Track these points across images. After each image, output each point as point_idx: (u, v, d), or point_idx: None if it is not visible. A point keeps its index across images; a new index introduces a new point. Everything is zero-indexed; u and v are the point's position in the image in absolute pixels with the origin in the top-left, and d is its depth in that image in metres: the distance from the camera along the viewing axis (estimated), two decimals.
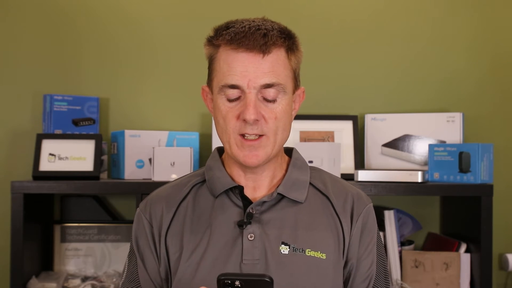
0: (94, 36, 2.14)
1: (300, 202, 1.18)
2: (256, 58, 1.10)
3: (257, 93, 1.11)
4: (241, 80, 1.10)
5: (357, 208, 1.21)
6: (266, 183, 1.20)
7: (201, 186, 1.22)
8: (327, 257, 1.15)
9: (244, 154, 1.13)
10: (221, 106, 1.14)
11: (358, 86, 2.17)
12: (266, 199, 1.17)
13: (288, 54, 1.14)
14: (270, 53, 1.11)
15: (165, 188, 1.26)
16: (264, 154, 1.14)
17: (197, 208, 1.19)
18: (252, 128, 1.11)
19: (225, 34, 1.12)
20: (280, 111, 1.13)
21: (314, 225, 1.17)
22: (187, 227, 1.17)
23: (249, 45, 1.10)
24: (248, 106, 1.10)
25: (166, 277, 1.19)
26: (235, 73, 1.11)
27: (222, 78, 1.12)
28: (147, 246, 1.20)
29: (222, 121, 1.14)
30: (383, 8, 2.18)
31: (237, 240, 1.14)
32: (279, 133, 1.14)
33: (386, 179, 1.83)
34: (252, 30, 1.10)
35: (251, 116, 1.10)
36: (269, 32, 1.11)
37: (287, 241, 1.14)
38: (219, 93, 1.14)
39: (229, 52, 1.12)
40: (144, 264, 1.20)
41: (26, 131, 2.09)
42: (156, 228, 1.19)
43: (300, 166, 1.23)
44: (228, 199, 1.19)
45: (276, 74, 1.12)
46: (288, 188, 1.19)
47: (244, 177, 1.19)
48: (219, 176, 1.19)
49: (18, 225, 1.77)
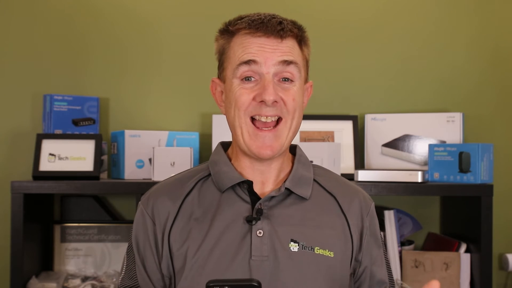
0: (94, 36, 2.14)
1: (306, 198, 1.18)
2: (274, 42, 1.12)
3: (274, 75, 1.12)
4: (259, 57, 1.10)
5: (364, 208, 1.22)
6: (274, 176, 1.19)
7: (206, 181, 1.20)
8: (335, 255, 1.15)
9: (258, 145, 1.12)
10: (235, 89, 1.12)
11: (358, 86, 2.17)
12: (274, 194, 1.16)
13: (301, 45, 1.17)
14: (286, 39, 1.13)
15: (168, 183, 1.23)
16: (279, 145, 1.13)
17: (203, 203, 1.17)
18: (269, 110, 1.11)
19: (241, 22, 1.13)
20: (297, 93, 1.14)
21: (321, 222, 1.17)
22: (192, 222, 1.15)
23: (267, 30, 1.11)
24: (267, 87, 1.10)
25: (168, 274, 1.17)
26: (252, 51, 1.11)
27: (238, 59, 1.12)
28: (147, 244, 1.18)
29: (235, 104, 1.12)
30: (383, 8, 2.18)
31: (246, 236, 1.13)
32: (295, 118, 1.14)
33: (386, 179, 1.83)
34: (268, 18, 1.13)
35: (270, 97, 1.09)
36: (284, 21, 1.13)
37: (297, 239, 1.14)
38: (233, 77, 1.13)
39: (245, 37, 1.12)
40: (143, 262, 1.18)
41: (26, 131, 2.09)
42: (158, 225, 1.17)
43: (304, 163, 1.23)
44: (235, 194, 1.17)
45: (293, 55, 1.13)
46: (295, 183, 1.18)
47: (252, 169, 1.18)
48: (226, 170, 1.18)
49: (18, 225, 1.77)
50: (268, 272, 1.11)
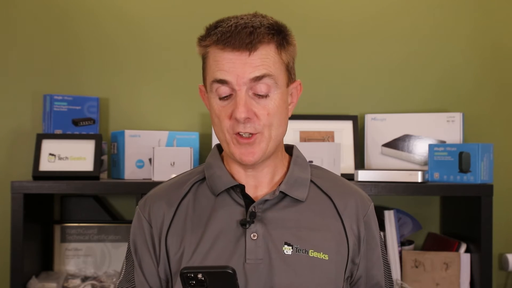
0: (94, 36, 2.14)
1: (301, 201, 1.18)
2: (243, 56, 1.09)
3: (248, 90, 1.10)
4: (230, 75, 1.09)
5: (361, 210, 1.21)
6: (267, 180, 1.19)
7: (201, 184, 1.21)
8: (330, 258, 1.15)
9: (241, 152, 1.12)
10: (214, 106, 1.13)
11: (358, 86, 2.17)
12: (268, 197, 1.16)
13: (278, 49, 1.12)
14: (257, 50, 1.09)
15: (164, 187, 1.24)
16: (260, 150, 1.12)
17: (198, 207, 1.18)
18: (244, 127, 1.10)
19: (212, 35, 1.12)
20: (273, 107, 1.11)
21: (316, 225, 1.16)
22: (188, 226, 1.16)
23: (235, 45, 1.09)
24: (238, 104, 1.09)
25: (165, 277, 1.18)
26: (224, 68, 1.10)
27: (212, 74, 1.12)
28: (145, 246, 1.19)
29: (217, 120, 1.13)
30: (383, 8, 2.18)
31: (240, 239, 1.13)
32: (273, 129, 1.12)
33: (386, 179, 1.83)
34: (238, 29, 1.09)
35: (241, 115, 1.08)
36: (256, 30, 1.09)
37: (290, 242, 1.14)
38: (210, 91, 1.13)
39: (216, 52, 1.11)
40: (141, 265, 1.19)
41: (26, 131, 2.09)
42: (155, 228, 1.18)
43: (300, 164, 1.23)
44: (229, 198, 1.17)
45: (265, 66, 1.10)
46: (290, 186, 1.18)
47: (245, 174, 1.18)
48: (220, 174, 1.18)
49: (18, 225, 1.77)
50: (262, 275, 1.11)
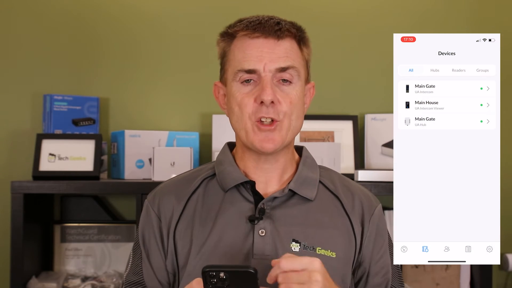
0: (94, 37, 2.14)
1: (310, 199, 1.19)
2: (271, 43, 1.13)
3: (273, 76, 1.13)
4: (257, 64, 1.13)
5: (367, 210, 1.22)
6: (277, 176, 1.20)
7: (211, 180, 1.22)
8: (337, 255, 1.15)
9: (260, 139, 1.13)
10: (236, 93, 1.15)
11: (358, 86, 2.17)
12: (277, 194, 1.17)
13: (300, 45, 1.18)
14: (284, 39, 1.14)
15: (174, 181, 1.25)
16: (280, 138, 1.14)
17: (207, 202, 1.19)
18: (267, 111, 1.12)
19: (239, 24, 1.16)
20: (295, 96, 1.15)
21: (324, 223, 1.17)
22: (196, 221, 1.17)
23: (264, 31, 1.13)
24: (266, 87, 1.11)
25: (173, 271, 1.18)
26: (251, 58, 1.13)
27: (238, 64, 1.14)
28: (153, 240, 1.19)
29: (237, 108, 1.15)
30: (383, 8, 2.18)
31: (248, 235, 1.14)
32: (293, 118, 1.15)
33: (386, 179, 1.83)
34: (266, 19, 1.15)
35: (268, 97, 1.11)
36: (282, 22, 1.16)
37: (298, 239, 1.14)
38: (233, 80, 1.15)
39: (244, 39, 1.15)
40: (149, 258, 1.19)
41: (26, 131, 2.09)
42: (164, 222, 1.18)
43: (310, 164, 1.24)
44: (238, 194, 1.18)
45: (290, 58, 1.15)
46: (299, 185, 1.19)
47: (256, 168, 1.19)
48: (230, 170, 1.19)
49: (18, 225, 1.76)
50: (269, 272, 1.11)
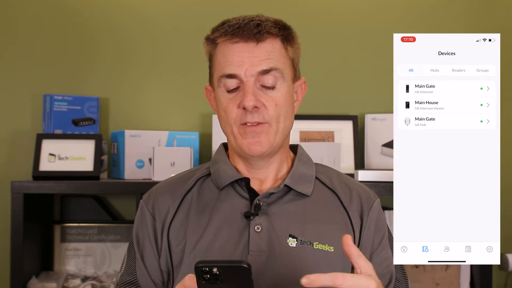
0: (94, 37, 2.14)
1: (307, 195, 1.18)
2: (251, 46, 1.12)
3: (255, 81, 1.12)
4: (238, 69, 1.12)
5: (366, 204, 1.22)
6: (272, 175, 1.20)
7: (206, 179, 1.22)
8: (335, 249, 1.15)
9: (248, 142, 1.13)
10: (221, 98, 1.15)
11: (358, 86, 2.17)
12: (273, 190, 1.16)
13: (284, 44, 1.16)
14: (265, 41, 1.13)
15: (169, 181, 1.25)
16: (267, 141, 1.14)
17: (202, 200, 1.19)
18: (252, 116, 1.12)
19: (220, 29, 1.15)
20: (280, 98, 1.14)
21: (321, 218, 1.17)
22: (191, 218, 1.17)
23: (243, 35, 1.12)
24: (247, 93, 1.11)
25: (167, 269, 1.18)
26: (232, 63, 1.13)
27: (220, 69, 1.14)
28: (147, 239, 1.19)
29: (224, 113, 1.15)
30: (383, 8, 2.18)
31: (244, 231, 1.14)
32: (281, 120, 1.14)
33: (386, 179, 1.83)
34: (246, 22, 1.14)
35: (249, 103, 1.10)
36: (263, 23, 1.14)
37: (295, 234, 1.14)
38: (218, 86, 1.15)
39: (225, 44, 1.14)
40: (143, 258, 1.19)
41: (26, 131, 2.09)
42: (158, 221, 1.19)
43: (305, 161, 1.24)
44: (234, 191, 1.18)
45: (272, 60, 1.13)
46: (295, 180, 1.19)
47: (250, 171, 1.20)
48: (225, 168, 1.19)
49: (18, 225, 1.76)
50: (265, 268, 1.11)
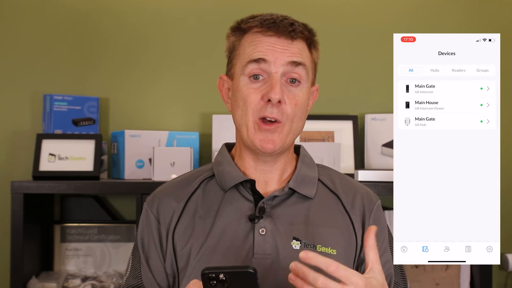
0: (94, 37, 2.14)
1: (310, 197, 1.19)
2: (284, 42, 1.13)
3: (282, 75, 1.12)
4: (269, 55, 1.12)
5: (367, 206, 1.22)
6: (276, 177, 1.20)
7: (210, 181, 1.22)
8: (338, 252, 1.15)
9: (261, 138, 1.13)
10: (243, 87, 1.13)
11: (358, 86, 2.17)
12: (277, 193, 1.16)
13: (310, 48, 1.17)
14: (296, 40, 1.14)
15: (173, 183, 1.25)
16: (280, 140, 1.13)
17: (206, 203, 1.18)
18: (272, 111, 1.11)
19: (253, 21, 1.15)
20: (301, 97, 1.14)
21: (324, 221, 1.17)
22: (196, 221, 1.17)
23: (278, 30, 1.12)
24: (275, 85, 1.10)
25: (172, 272, 1.18)
26: (262, 50, 1.12)
27: (248, 56, 1.13)
28: (152, 243, 1.19)
29: (243, 103, 1.13)
30: (383, 7, 2.18)
31: (249, 234, 1.14)
32: (295, 121, 1.15)
33: (386, 179, 1.83)
34: (280, 19, 1.14)
35: (276, 95, 1.10)
36: (295, 23, 1.14)
37: (299, 237, 1.14)
38: (242, 74, 1.14)
39: (256, 36, 1.14)
40: (148, 261, 1.19)
41: (26, 131, 2.09)
42: (163, 224, 1.18)
43: (308, 163, 1.24)
44: (238, 193, 1.18)
45: (302, 57, 1.14)
46: (299, 183, 1.19)
47: (255, 168, 1.19)
48: (230, 170, 1.19)
49: (18, 225, 1.76)
50: (270, 270, 1.12)
